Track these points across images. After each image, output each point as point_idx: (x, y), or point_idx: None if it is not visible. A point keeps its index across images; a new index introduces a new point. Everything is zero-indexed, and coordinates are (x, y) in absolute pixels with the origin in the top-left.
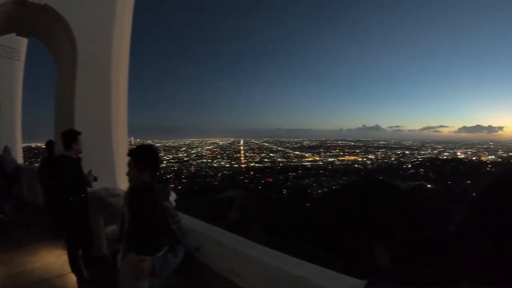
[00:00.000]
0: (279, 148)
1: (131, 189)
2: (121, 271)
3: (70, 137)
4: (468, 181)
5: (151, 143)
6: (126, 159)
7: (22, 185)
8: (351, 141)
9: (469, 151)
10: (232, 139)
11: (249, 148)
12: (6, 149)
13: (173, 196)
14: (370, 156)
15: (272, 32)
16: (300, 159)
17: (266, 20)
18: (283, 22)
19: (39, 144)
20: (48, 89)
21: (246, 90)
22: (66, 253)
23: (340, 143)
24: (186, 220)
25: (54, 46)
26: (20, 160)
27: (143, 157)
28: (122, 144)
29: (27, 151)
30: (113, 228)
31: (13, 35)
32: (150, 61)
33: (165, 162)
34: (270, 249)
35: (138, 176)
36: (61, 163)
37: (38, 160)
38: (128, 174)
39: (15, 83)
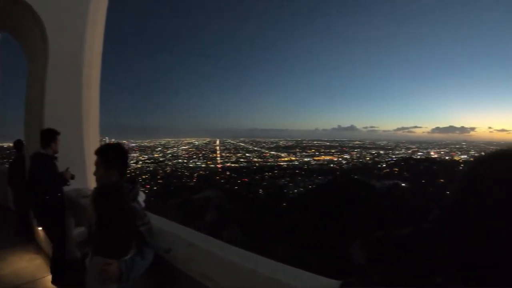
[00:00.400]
0: (255, 148)
1: (97, 189)
2: (87, 276)
3: (49, 136)
4: (442, 180)
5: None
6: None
7: None
8: (327, 141)
9: (442, 151)
10: (208, 139)
11: (225, 148)
12: None
13: (142, 197)
14: (345, 156)
15: (249, 33)
16: (276, 159)
17: (242, 20)
18: (258, 23)
19: (11, 144)
20: (20, 86)
21: (222, 90)
22: (40, 257)
23: (316, 143)
24: (156, 221)
25: (26, 41)
26: None
27: (110, 156)
28: (93, 143)
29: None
30: (80, 230)
31: None
32: (126, 61)
33: (140, 162)
34: (244, 250)
35: (106, 175)
36: (38, 161)
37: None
38: (95, 173)
39: None
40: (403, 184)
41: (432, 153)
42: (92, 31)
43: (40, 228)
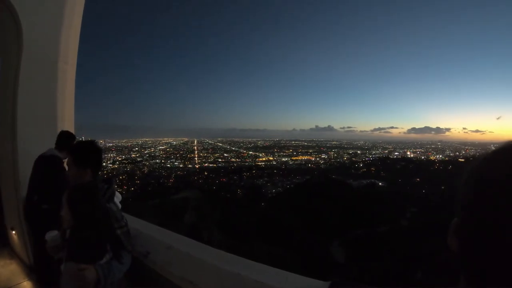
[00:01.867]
0: (233, 148)
1: (70, 189)
2: (62, 282)
3: (70, 138)
4: (417, 179)
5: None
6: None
7: None
8: (304, 141)
9: (418, 151)
10: (185, 139)
11: (203, 148)
12: None
13: (118, 197)
14: (323, 156)
15: (226, 33)
16: (254, 159)
17: (219, 20)
18: (235, 23)
19: None
20: None
21: (200, 90)
22: (14, 261)
23: (294, 143)
24: (133, 223)
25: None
26: None
27: (83, 155)
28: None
29: None
30: (53, 234)
31: None
32: (102, 60)
33: (117, 162)
34: (225, 252)
35: (79, 175)
36: (55, 164)
37: None
38: (68, 173)
39: None
40: (380, 183)
41: (408, 153)
42: (68, 25)
43: (13, 232)
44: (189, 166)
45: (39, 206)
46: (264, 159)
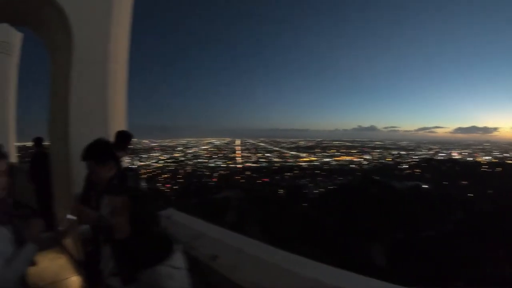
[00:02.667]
0: (275, 148)
1: (125, 194)
2: None
3: (127, 138)
4: (464, 182)
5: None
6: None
7: (14, 185)
8: (347, 141)
9: (464, 152)
10: (228, 139)
11: (246, 148)
12: None
13: (143, 186)
14: (366, 157)
15: (270, 34)
16: (296, 159)
17: (263, 21)
18: (281, 23)
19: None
20: (43, 87)
21: (243, 90)
22: (63, 256)
23: (336, 143)
24: (197, 225)
25: (48, 36)
26: (13, 159)
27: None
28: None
29: (22, 150)
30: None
31: (5, 27)
32: (146, 61)
33: (161, 162)
34: (299, 256)
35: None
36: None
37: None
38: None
39: (8, 78)
40: (424, 186)
41: (454, 154)
42: (117, 24)
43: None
44: (232, 165)
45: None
46: (306, 159)
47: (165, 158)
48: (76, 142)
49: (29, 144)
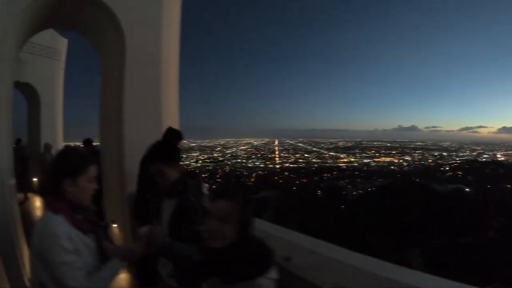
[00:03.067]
0: (314, 149)
1: (239, 197)
2: None
3: (175, 135)
4: (508, 185)
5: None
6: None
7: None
8: (387, 141)
9: (510, 153)
10: (266, 140)
11: (284, 148)
12: (47, 147)
13: (205, 189)
14: (406, 158)
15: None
16: (335, 160)
17: (299, 20)
18: (315, 21)
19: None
20: (86, 90)
21: (282, 90)
22: None
23: (376, 144)
24: (263, 226)
25: (98, 40)
26: None
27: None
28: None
29: None
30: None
31: (53, 34)
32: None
33: (200, 162)
34: (373, 258)
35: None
36: None
37: None
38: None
39: (56, 82)
40: (467, 189)
41: (498, 156)
42: (167, 25)
43: (115, 225)
44: (270, 166)
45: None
46: (345, 160)
47: (203, 158)
48: (130, 142)
49: (73, 143)
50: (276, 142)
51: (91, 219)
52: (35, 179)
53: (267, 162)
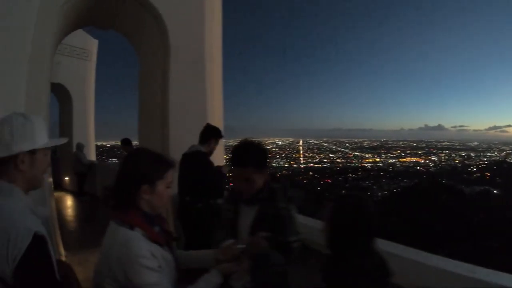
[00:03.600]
0: (339, 149)
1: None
2: None
3: (213, 132)
4: None
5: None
6: (223, 161)
7: (95, 182)
8: (413, 141)
9: None
10: (291, 139)
11: (308, 148)
12: (78, 147)
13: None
14: (432, 158)
15: (333, 34)
16: (360, 160)
17: (322, 20)
18: (340, 23)
19: (111, 143)
20: (117, 91)
21: (305, 90)
22: None
23: (402, 143)
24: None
25: (139, 38)
26: (93, 157)
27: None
28: (219, 145)
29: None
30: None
31: (84, 35)
32: None
33: (224, 162)
34: (452, 259)
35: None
36: (201, 159)
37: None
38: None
39: (87, 83)
40: (495, 191)
41: None
42: (210, 21)
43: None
44: (294, 166)
45: (193, 205)
46: (370, 160)
47: (227, 157)
48: (175, 142)
49: (103, 143)
50: (301, 142)
51: (166, 230)
52: (66, 178)
53: (292, 162)
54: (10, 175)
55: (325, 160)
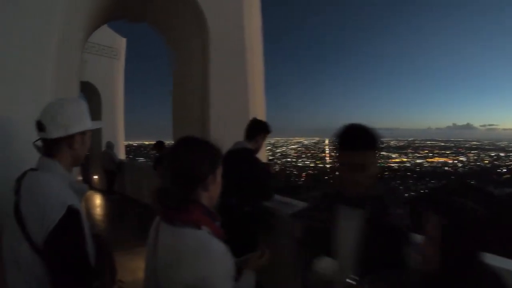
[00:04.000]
0: None
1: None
2: None
3: (259, 127)
4: None
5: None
6: (265, 158)
7: (124, 181)
8: (441, 141)
9: None
10: (317, 139)
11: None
12: (109, 145)
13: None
14: (461, 158)
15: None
16: (386, 160)
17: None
18: (365, 21)
19: (138, 142)
20: (142, 90)
21: (331, 89)
22: None
23: (429, 143)
24: None
25: (174, 29)
26: (122, 156)
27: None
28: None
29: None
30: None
31: (112, 34)
32: None
33: (267, 159)
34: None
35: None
36: (249, 157)
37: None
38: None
39: (116, 82)
40: None
41: None
42: (249, 13)
43: None
44: (320, 165)
45: (240, 209)
46: (397, 160)
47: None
48: (216, 139)
49: (130, 142)
50: (327, 141)
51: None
52: (95, 177)
53: (317, 162)
54: (59, 153)
55: None
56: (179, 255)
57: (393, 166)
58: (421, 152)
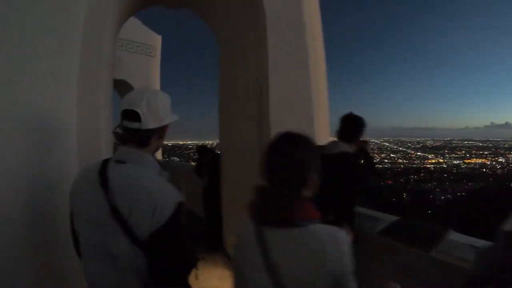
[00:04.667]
0: (400, 148)
1: None
2: None
3: (358, 126)
4: None
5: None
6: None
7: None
8: (479, 141)
9: None
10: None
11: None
12: None
13: None
14: (499, 159)
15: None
16: (422, 161)
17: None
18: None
19: (173, 142)
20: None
21: (364, 86)
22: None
23: (467, 143)
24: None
25: (221, 18)
26: (159, 156)
27: None
28: (324, 135)
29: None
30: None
31: (147, 31)
32: None
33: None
34: None
35: None
36: (351, 164)
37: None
38: None
39: (152, 78)
40: None
41: None
42: (308, 2)
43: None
44: None
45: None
46: (433, 161)
47: None
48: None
49: (164, 142)
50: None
51: None
52: None
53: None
54: (149, 145)
55: (386, 161)
56: (317, 254)
57: (429, 167)
58: (458, 152)
